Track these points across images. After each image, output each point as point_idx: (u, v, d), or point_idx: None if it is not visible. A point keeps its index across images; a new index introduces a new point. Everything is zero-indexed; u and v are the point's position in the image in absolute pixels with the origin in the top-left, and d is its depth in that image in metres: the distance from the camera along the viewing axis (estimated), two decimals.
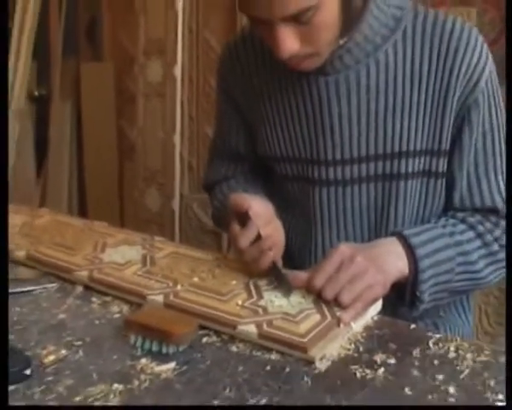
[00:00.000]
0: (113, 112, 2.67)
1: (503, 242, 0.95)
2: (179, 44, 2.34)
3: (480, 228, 0.95)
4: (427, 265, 0.88)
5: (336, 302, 0.79)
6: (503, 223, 0.96)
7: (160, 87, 2.45)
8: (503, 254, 0.96)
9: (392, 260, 0.87)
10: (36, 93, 2.66)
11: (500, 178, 0.97)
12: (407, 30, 0.95)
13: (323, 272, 0.81)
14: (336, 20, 0.86)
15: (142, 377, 0.67)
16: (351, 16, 0.88)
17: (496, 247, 0.95)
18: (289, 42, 0.84)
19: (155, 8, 2.42)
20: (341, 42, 0.92)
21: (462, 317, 1.08)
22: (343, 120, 0.97)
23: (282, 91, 1.02)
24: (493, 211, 0.97)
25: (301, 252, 1.05)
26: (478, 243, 0.94)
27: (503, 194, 0.97)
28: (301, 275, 0.84)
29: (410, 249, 0.88)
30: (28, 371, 0.67)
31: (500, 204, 0.96)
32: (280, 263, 0.89)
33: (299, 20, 0.82)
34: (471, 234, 0.94)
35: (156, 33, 2.43)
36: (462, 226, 0.95)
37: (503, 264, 0.97)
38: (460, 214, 0.97)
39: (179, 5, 2.32)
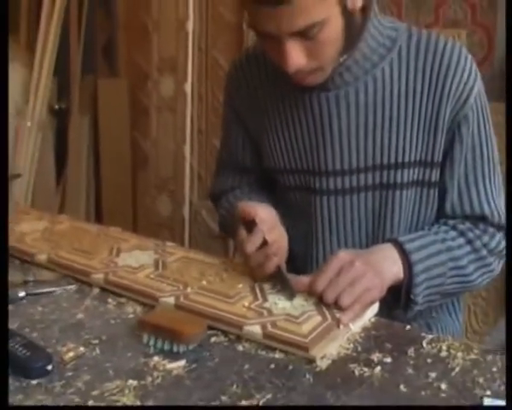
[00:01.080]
0: (128, 125, 2.68)
1: (491, 247, 0.95)
2: (189, 62, 2.35)
3: (470, 234, 0.95)
4: (421, 269, 0.88)
5: (336, 305, 0.79)
6: (490, 230, 0.96)
7: (172, 102, 2.45)
8: (491, 259, 0.96)
9: (388, 265, 0.86)
10: (56, 107, 2.67)
11: (488, 187, 0.97)
12: (402, 49, 0.95)
13: (324, 276, 0.81)
14: (339, 36, 0.87)
15: (155, 373, 0.67)
16: (352, 34, 0.89)
17: (484, 252, 0.95)
18: (296, 56, 0.84)
19: (167, 29, 2.42)
20: (341, 59, 0.93)
21: (452, 317, 1.08)
22: (342, 133, 0.97)
23: (285, 106, 1.01)
24: (482, 218, 0.96)
25: (304, 258, 1.05)
26: (468, 248, 0.94)
27: (491, 202, 0.96)
28: (303, 279, 0.84)
29: (404, 255, 0.88)
30: (50, 367, 0.67)
31: (488, 212, 0.96)
32: (284, 268, 0.88)
33: (305, 35, 0.83)
34: (461, 240, 0.94)
35: (168, 52, 2.43)
36: (453, 233, 0.95)
37: (491, 268, 0.97)
38: (451, 222, 0.97)
39: (190, 26, 2.33)
